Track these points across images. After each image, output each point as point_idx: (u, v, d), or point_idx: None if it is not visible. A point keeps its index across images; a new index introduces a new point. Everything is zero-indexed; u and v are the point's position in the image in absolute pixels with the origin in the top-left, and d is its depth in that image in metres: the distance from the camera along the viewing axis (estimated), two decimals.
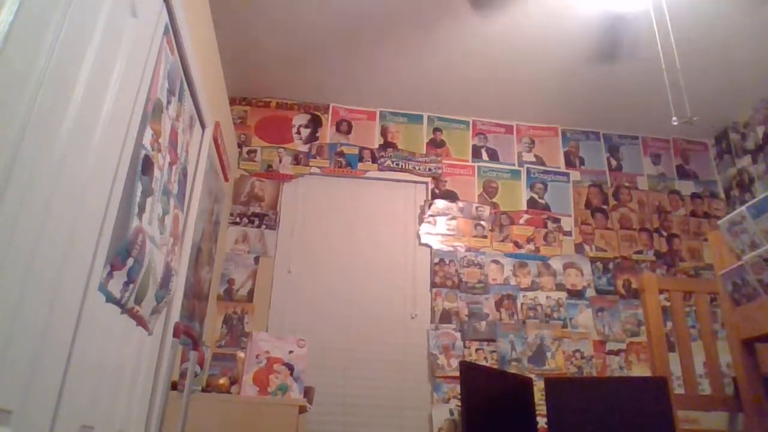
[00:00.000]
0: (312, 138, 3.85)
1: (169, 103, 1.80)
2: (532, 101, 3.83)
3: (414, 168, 3.83)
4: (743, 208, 2.12)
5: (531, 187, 3.89)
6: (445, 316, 3.42)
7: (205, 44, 2.44)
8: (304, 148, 3.80)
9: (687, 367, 2.65)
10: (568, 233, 3.77)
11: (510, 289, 3.55)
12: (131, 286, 1.52)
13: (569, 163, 4.01)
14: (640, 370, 3.39)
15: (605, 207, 3.89)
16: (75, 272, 1.25)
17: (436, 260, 3.57)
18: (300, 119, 3.90)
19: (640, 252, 3.78)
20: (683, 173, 4.08)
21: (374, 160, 3.82)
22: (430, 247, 3.61)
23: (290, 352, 2.36)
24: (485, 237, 3.69)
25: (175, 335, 1.85)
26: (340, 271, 3.48)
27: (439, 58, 3.43)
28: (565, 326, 3.48)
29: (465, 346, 3.35)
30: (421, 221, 3.68)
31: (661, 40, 2.97)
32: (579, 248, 3.74)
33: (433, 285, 3.50)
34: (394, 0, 2.97)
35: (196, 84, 2.15)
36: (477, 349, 3.35)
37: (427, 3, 2.99)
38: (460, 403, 2.83)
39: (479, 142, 3.99)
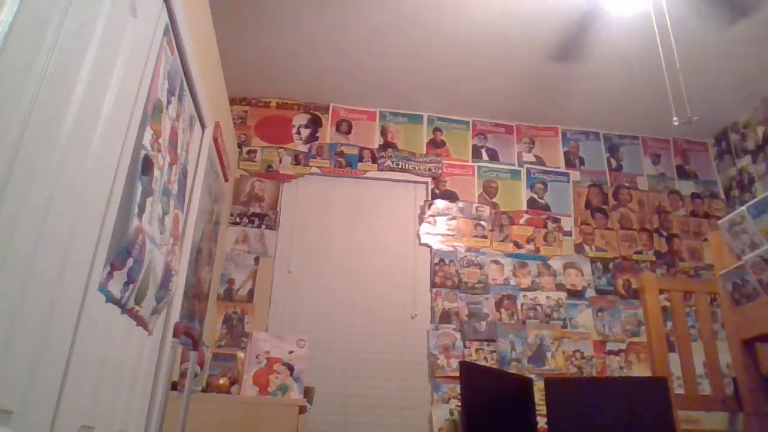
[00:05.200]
0: (312, 138, 3.85)
1: (169, 103, 1.80)
2: (532, 101, 3.83)
3: (414, 168, 3.83)
4: (743, 208, 2.12)
5: (531, 187, 3.89)
6: (445, 316, 3.42)
7: (205, 44, 2.44)
8: (304, 148, 3.80)
9: (687, 367, 2.65)
10: (568, 233, 3.78)
11: (510, 289, 3.55)
12: (131, 286, 1.51)
13: (569, 163, 4.01)
14: (640, 370, 3.39)
15: (605, 207, 3.89)
16: (75, 272, 1.25)
17: (436, 260, 3.57)
18: (300, 119, 3.90)
19: (640, 252, 3.78)
20: (683, 173, 4.08)
21: (374, 160, 3.82)
22: (430, 247, 3.61)
23: (290, 352, 2.36)
24: (485, 237, 3.69)
25: (175, 335, 1.85)
26: (340, 271, 3.48)
27: (435, 55, 3.43)
28: (565, 326, 3.48)
29: (465, 346, 3.34)
30: (421, 221, 3.68)
31: (661, 40, 2.97)
32: (579, 248, 3.74)
33: (433, 285, 3.50)
34: None
35: (196, 84, 2.15)
36: (477, 349, 3.35)
37: None
38: (460, 403, 2.83)
39: (479, 142, 3.99)
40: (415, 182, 3.81)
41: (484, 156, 3.95)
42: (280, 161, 3.74)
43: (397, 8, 3.04)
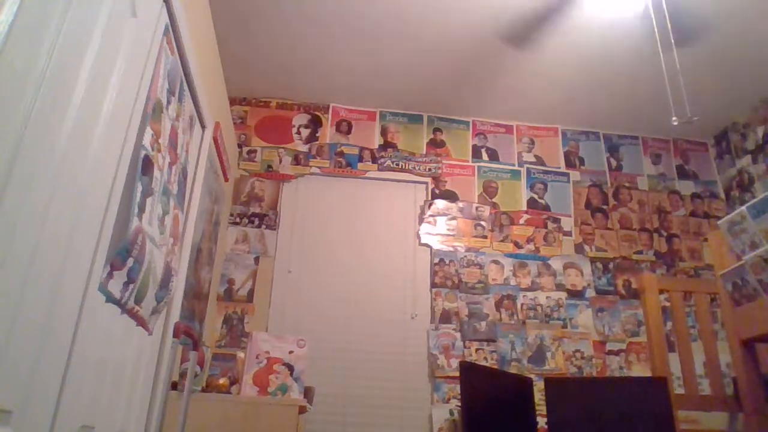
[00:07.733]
0: (312, 138, 3.85)
1: (169, 103, 1.80)
2: (533, 101, 3.83)
3: (414, 168, 3.83)
4: (743, 208, 2.12)
5: (531, 187, 3.89)
6: (445, 316, 3.42)
7: (205, 44, 2.44)
8: (304, 148, 3.80)
9: (687, 367, 2.65)
10: (568, 233, 3.77)
11: (510, 289, 3.55)
12: (131, 286, 1.52)
13: (569, 163, 4.01)
14: (640, 370, 3.39)
15: (605, 207, 3.89)
16: (75, 272, 1.25)
17: (436, 260, 3.57)
18: (300, 119, 3.90)
19: (640, 252, 3.78)
20: (683, 173, 4.08)
21: (374, 160, 3.82)
22: (430, 247, 3.61)
23: (290, 352, 2.36)
24: (485, 237, 3.69)
25: (175, 335, 1.85)
26: (340, 271, 3.48)
27: (436, 54, 3.43)
28: (565, 326, 3.48)
29: (465, 346, 3.34)
30: (421, 221, 3.68)
31: (661, 40, 2.96)
32: (579, 248, 3.74)
33: (433, 285, 3.50)
34: None
35: (196, 84, 2.15)
36: (477, 349, 3.35)
37: None
38: (460, 403, 2.83)
39: (479, 142, 3.99)
40: (415, 182, 3.80)
41: (484, 156, 3.95)
42: (280, 161, 3.74)
43: (398, 7, 3.04)
